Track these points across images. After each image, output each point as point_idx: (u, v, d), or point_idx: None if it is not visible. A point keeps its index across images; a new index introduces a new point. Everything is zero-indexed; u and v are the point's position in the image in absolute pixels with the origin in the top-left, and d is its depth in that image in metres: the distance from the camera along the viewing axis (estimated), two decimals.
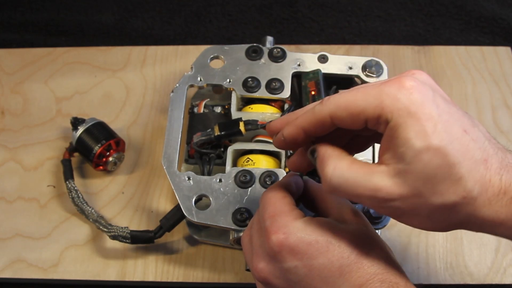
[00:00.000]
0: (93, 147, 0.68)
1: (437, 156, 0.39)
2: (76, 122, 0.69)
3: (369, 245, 0.45)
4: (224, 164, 0.63)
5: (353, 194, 0.42)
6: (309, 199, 0.52)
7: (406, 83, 0.40)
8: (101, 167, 0.70)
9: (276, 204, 0.47)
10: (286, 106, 0.65)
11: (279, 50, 0.67)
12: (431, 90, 0.41)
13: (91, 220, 0.65)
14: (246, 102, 0.67)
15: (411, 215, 0.42)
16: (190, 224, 0.66)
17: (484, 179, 0.40)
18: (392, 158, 0.40)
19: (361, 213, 0.49)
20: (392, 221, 0.60)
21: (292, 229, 0.45)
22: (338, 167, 0.42)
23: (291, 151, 0.62)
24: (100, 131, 0.69)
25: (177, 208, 0.61)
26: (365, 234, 0.46)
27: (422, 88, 0.41)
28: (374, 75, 0.65)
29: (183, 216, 0.60)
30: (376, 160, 0.62)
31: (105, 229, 0.64)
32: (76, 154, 0.71)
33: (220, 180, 0.60)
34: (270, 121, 0.50)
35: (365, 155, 0.63)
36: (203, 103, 0.68)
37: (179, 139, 0.63)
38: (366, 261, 0.44)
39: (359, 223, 0.47)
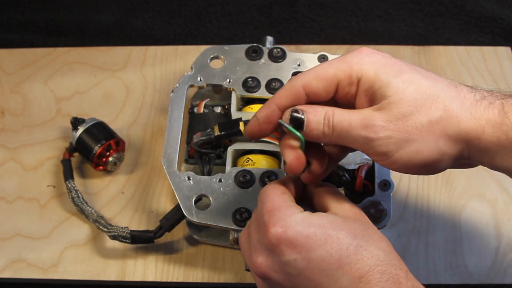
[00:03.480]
0: (93, 147, 0.68)
1: (413, 83, 0.45)
2: (76, 122, 0.69)
3: (368, 237, 0.45)
4: (224, 164, 0.63)
5: (348, 132, 0.45)
6: (308, 198, 0.52)
7: (364, 50, 0.47)
8: (101, 167, 0.70)
9: (274, 200, 0.47)
10: None
11: (279, 50, 0.67)
12: (386, 54, 0.48)
13: (91, 220, 0.65)
14: (246, 102, 0.67)
15: (405, 144, 0.44)
16: (190, 224, 0.66)
17: (459, 95, 0.45)
18: (375, 101, 0.45)
19: (359, 208, 0.49)
20: (392, 221, 0.60)
21: (290, 222, 0.45)
22: (335, 112, 0.46)
23: None
24: (100, 131, 0.69)
25: (177, 208, 0.61)
26: (363, 226, 0.46)
27: (377, 51, 0.47)
28: None
29: (183, 216, 0.60)
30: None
31: (105, 229, 0.64)
32: (76, 154, 0.71)
33: (220, 180, 0.60)
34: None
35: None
36: (203, 103, 0.68)
37: (179, 139, 0.63)
38: (365, 253, 0.44)
39: (357, 216, 0.48)
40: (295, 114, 0.46)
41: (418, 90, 0.45)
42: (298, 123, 0.46)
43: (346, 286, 0.43)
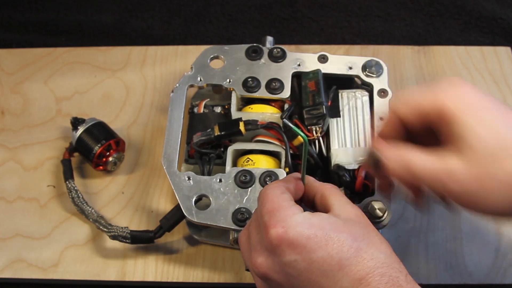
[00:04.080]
0: (93, 147, 0.68)
1: (492, 129, 0.45)
2: (76, 122, 0.69)
3: (368, 240, 0.45)
4: (224, 164, 0.63)
5: (428, 181, 0.46)
6: (310, 197, 0.52)
7: (454, 81, 0.48)
8: (101, 167, 0.70)
9: (274, 200, 0.47)
10: (286, 106, 0.65)
11: (279, 50, 0.67)
12: (475, 88, 0.48)
13: (91, 220, 0.65)
14: (246, 102, 0.67)
15: (483, 193, 0.45)
16: (190, 224, 0.66)
17: None
18: (452, 137, 0.46)
19: (360, 210, 0.49)
20: (392, 221, 0.60)
21: (291, 223, 0.45)
22: (413, 159, 0.47)
23: (291, 152, 0.62)
24: (100, 131, 0.69)
25: (177, 208, 0.61)
26: (364, 229, 0.47)
27: (471, 85, 0.48)
28: (374, 75, 0.65)
29: (183, 216, 0.60)
30: None
31: (105, 229, 0.64)
32: (76, 154, 0.71)
33: (220, 180, 0.60)
34: None
35: None
36: (203, 103, 0.68)
37: (179, 139, 0.63)
38: (365, 255, 0.44)
39: (358, 218, 0.48)
40: (374, 157, 0.49)
41: (497, 138, 0.45)
42: (377, 165, 0.49)
43: None
